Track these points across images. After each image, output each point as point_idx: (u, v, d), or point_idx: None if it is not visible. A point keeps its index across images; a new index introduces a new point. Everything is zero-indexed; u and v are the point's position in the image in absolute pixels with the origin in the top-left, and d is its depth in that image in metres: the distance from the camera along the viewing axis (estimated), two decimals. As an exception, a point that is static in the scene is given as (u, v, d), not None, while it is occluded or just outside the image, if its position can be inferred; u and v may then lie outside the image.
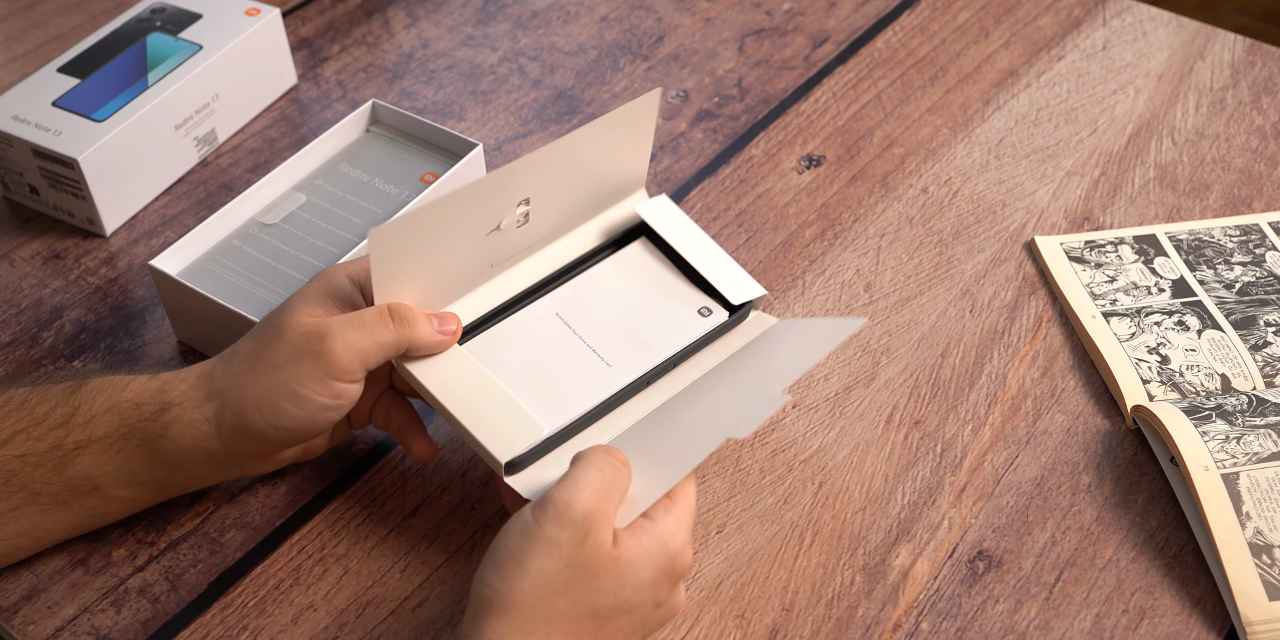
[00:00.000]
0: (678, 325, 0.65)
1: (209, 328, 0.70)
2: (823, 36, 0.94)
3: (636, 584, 0.54)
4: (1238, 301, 0.74)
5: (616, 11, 0.96)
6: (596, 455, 0.56)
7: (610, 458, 0.56)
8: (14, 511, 0.59)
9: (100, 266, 0.78)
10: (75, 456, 0.59)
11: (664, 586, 0.55)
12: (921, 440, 0.69)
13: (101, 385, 0.60)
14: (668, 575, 0.55)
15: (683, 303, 0.66)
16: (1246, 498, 0.62)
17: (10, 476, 0.58)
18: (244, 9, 0.85)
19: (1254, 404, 0.66)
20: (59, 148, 0.76)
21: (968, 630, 0.61)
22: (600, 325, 0.65)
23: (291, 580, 0.63)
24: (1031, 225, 0.80)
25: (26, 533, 0.60)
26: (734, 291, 0.66)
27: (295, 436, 0.59)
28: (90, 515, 0.61)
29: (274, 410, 0.58)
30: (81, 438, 0.59)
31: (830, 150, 0.85)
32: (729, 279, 0.66)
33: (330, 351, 0.57)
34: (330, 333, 0.58)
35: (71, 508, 0.60)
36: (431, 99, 0.89)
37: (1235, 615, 0.60)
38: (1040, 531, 0.65)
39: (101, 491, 0.60)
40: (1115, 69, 0.90)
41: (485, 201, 0.61)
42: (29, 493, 0.59)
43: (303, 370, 0.58)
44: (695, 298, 0.66)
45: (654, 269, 0.67)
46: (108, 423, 0.59)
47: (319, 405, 0.58)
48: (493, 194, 0.61)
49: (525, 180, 0.62)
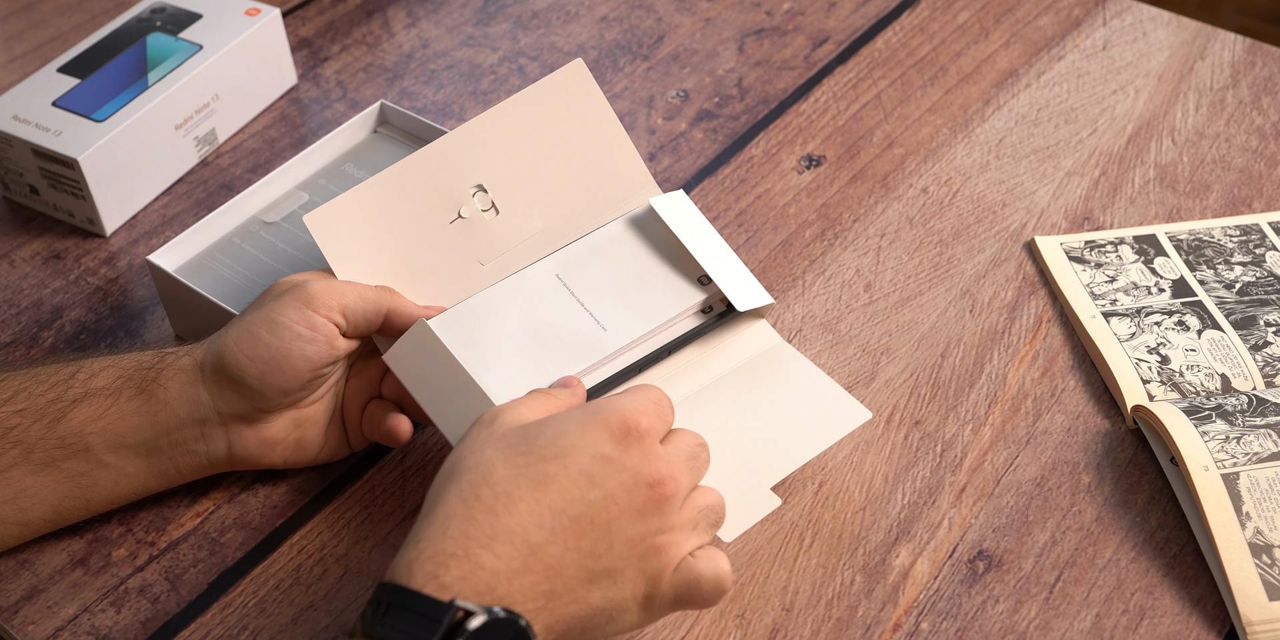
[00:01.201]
0: (675, 294, 0.65)
1: (206, 324, 0.70)
2: (823, 36, 0.94)
3: (554, 432, 0.53)
4: (1238, 301, 0.74)
5: (616, 11, 0.96)
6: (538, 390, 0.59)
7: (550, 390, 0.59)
8: (5, 472, 0.59)
9: (100, 266, 0.78)
10: (71, 410, 0.59)
11: (599, 435, 0.53)
12: (921, 440, 0.69)
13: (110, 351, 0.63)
14: (602, 425, 0.53)
15: (683, 271, 0.66)
16: (1246, 498, 0.62)
17: (7, 432, 0.59)
18: (244, 9, 0.85)
19: (1254, 404, 0.66)
20: (59, 148, 0.76)
21: (968, 630, 0.61)
22: (599, 288, 0.65)
23: (291, 580, 0.63)
24: (1031, 225, 0.80)
25: (13, 499, 0.60)
26: (742, 298, 0.65)
27: (269, 373, 0.59)
28: (77, 484, 0.60)
29: (250, 339, 0.59)
30: (80, 391, 0.60)
31: (830, 150, 0.85)
32: (738, 284, 0.66)
33: (310, 286, 0.60)
34: (315, 279, 0.61)
35: (60, 470, 0.60)
36: (431, 99, 0.89)
37: (1235, 615, 0.60)
38: (1040, 531, 0.65)
39: (90, 453, 0.60)
40: (1115, 69, 0.90)
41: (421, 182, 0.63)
42: (23, 449, 0.59)
43: (282, 302, 0.60)
44: (696, 267, 0.66)
45: (659, 235, 0.67)
46: (107, 376, 0.60)
47: (293, 333, 0.59)
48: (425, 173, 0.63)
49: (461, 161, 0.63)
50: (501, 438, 0.53)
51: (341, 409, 0.65)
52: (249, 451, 0.62)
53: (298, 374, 0.60)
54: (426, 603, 0.48)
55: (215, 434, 0.61)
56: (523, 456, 0.52)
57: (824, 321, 0.74)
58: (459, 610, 0.48)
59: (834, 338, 0.74)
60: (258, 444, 0.62)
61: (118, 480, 0.61)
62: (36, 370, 0.61)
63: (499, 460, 0.52)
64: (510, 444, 0.53)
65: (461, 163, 0.64)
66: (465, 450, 0.54)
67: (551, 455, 0.52)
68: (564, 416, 0.54)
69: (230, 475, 0.67)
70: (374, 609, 0.49)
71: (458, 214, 0.63)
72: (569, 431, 0.53)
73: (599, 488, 0.52)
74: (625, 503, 0.52)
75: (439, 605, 0.48)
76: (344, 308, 0.60)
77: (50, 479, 0.60)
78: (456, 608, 0.48)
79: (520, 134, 0.66)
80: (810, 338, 0.74)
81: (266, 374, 0.59)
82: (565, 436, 0.52)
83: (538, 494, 0.51)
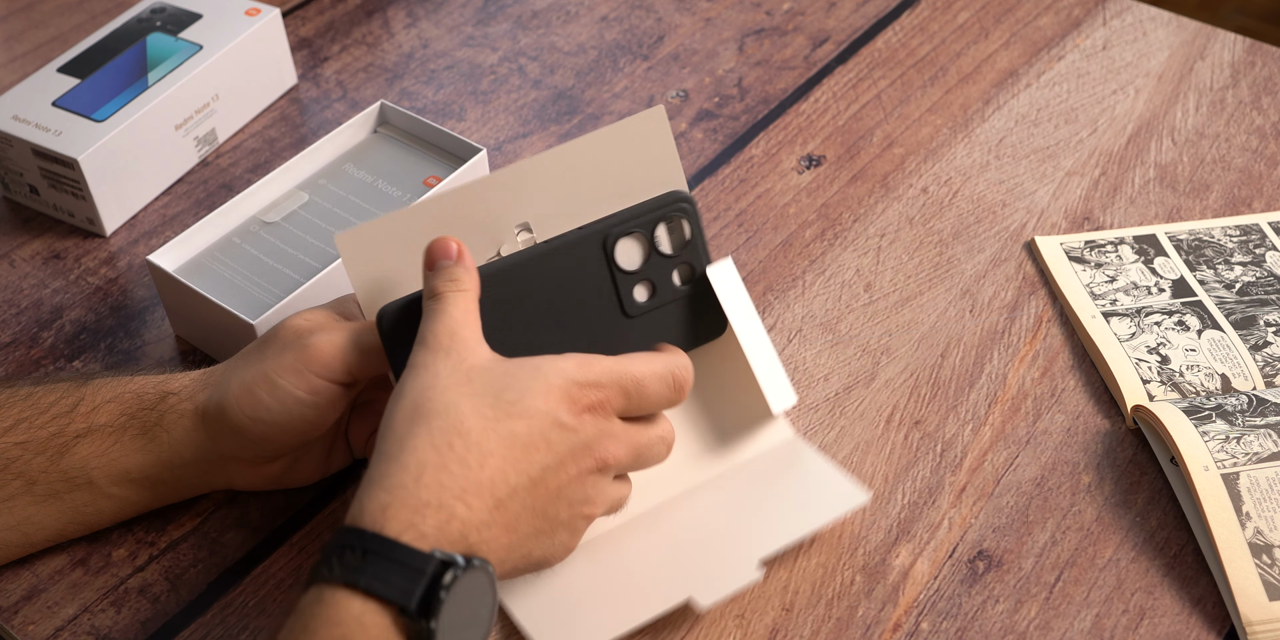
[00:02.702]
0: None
1: (205, 324, 0.70)
2: (823, 36, 0.94)
3: (519, 388, 0.53)
4: (1238, 301, 0.74)
5: (616, 11, 0.96)
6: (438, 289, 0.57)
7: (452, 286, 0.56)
8: (8, 502, 0.59)
9: (100, 266, 0.78)
10: (74, 445, 0.59)
11: (559, 403, 0.53)
12: (921, 440, 0.69)
13: (109, 379, 0.61)
14: (562, 394, 0.54)
15: None
16: (1246, 498, 0.62)
17: (8, 463, 0.59)
18: (244, 9, 0.85)
19: (1254, 404, 0.66)
20: (59, 148, 0.76)
21: (968, 630, 0.61)
22: None
23: (291, 580, 0.63)
24: (1031, 225, 0.80)
25: (17, 526, 0.60)
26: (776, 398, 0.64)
27: (271, 433, 0.59)
28: (80, 513, 0.61)
29: (251, 400, 0.58)
30: (83, 426, 0.59)
31: (830, 150, 0.85)
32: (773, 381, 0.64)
33: (312, 345, 0.58)
34: (318, 330, 0.59)
35: (64, 502, 0.60)
36: (431, 99, 0.89)
37: (1235, 615, 0.60)
38: (1040, 531, 0.65)
39: (94, 486, 0.60)
40: (1115, 69, 0.90)
41: (464, 213, 0.60)
42: (25, 481, 0.59)
43: (284, 362, 0.58)
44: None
45: None
46: (110, 412, 0.60)
47: (294, 399, 0.58)
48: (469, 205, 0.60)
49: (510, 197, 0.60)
50: (467, 381, 0.53)
51: (346, 432, 0.65)
52: (249, 484, 0.63)
53: (299, 434, 0.60)
54: (407, 552, 0.49)
55: (216, 471, 0.62)
56: (491, 409, 0.52)
57: (824, 321, 0.74)
58: (438, 560, 0.49)
59: (834, 338, 0.74)
60: (257, 478, 0.63)
61: (121, 508, 0.62)
62: (37, 397, 0.60)
63: (467, 408, 0.52)
64: (477, 392, 0.53)
65: (510, 199, 0.60)
66: (427, 386, 0.53)
67: (518, 413, 0.53)
68: (530, 373, 0.54)
69: (230, 475, 0.67)
70: (349, 554, 0.49)
71: (497, 253, 0.61)
72: (534, 392, 0.53)
73: (555, 452, 0.53)
74: (573, 471, 0.54)
75: (420, 555, 0.49)
76: (346, 361, 0.58)
77: (53, 509, 0.60)
78: (437, 558, 0.49)
79: (579, 176, 0.62)
80: (810, 338, 0.74)
81: (269, 435, 0.59)
82: (531, 396, 0.53)
83: (505, 451, 0.52)
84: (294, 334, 0.60)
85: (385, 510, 0.50)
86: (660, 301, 0.62)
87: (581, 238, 0.60)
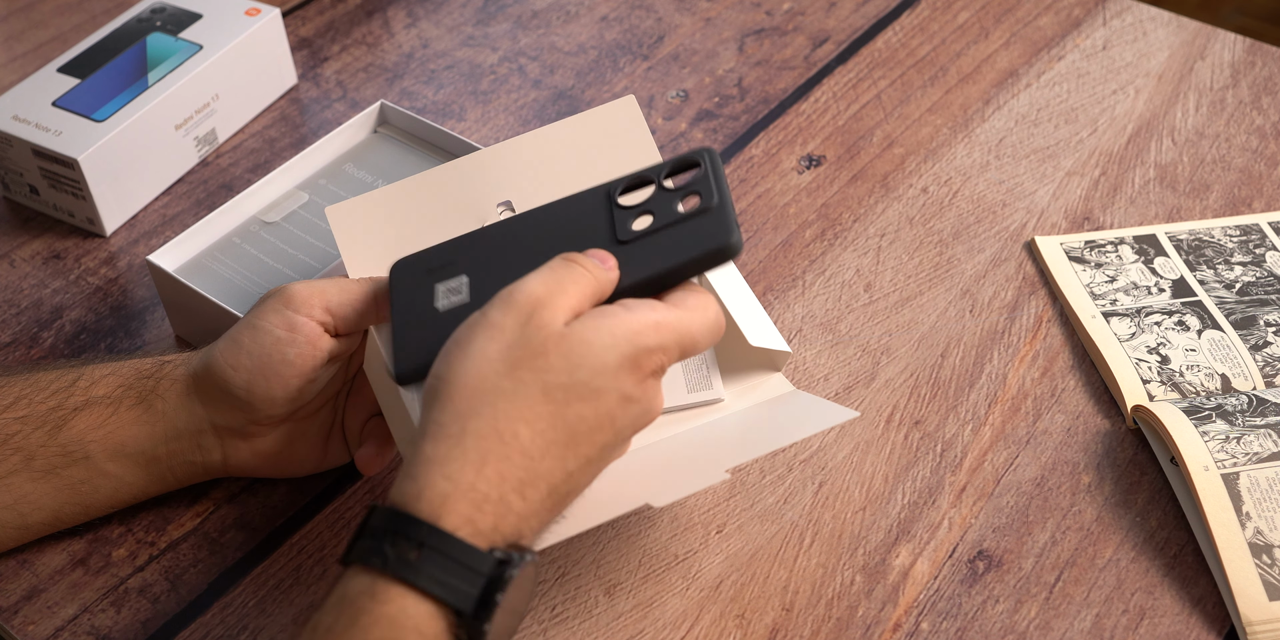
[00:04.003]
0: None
1: (205, 324, 0.70)
2: (823, 36, 0.94)
3: (594, 366, 0.50)
4: (1238, 301, 0.74)
5: (616, 11, 0.96)
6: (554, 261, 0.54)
7: (563, 258, 0.53)
8: (6, 479, 0.59)
9: (100, 266, 0.78)
10: (72, 418, 0.59)
11: (628, 377, 0.51)
12: (921, 440, 0.69)
13: (110, 358, 0.62)
14: (633, 366, 0.51)
15: None
16: (1246, 498, 0.62)
17: (8, 439, 0.59)
18: (244, 9, 0.85)
19: (1254, 404, 0.66)
20: (59, 148, 0.76)
21: (968, 630, 0.61)
22: None
23: (291, 580, 0.63)
24: (1031, 225, 0.80)
25: (13, 505, 0.60)
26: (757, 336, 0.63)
27: (254, 382, 0.58)
28: (77, 492, 0.60)
29: (233, 348, 0.58)
30: (81, 400, 0.60)
31: (830, 150, 0.85)
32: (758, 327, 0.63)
33: (289, 288, 0.59)
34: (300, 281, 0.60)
35: (60, 478, 0.60)
36: (431, 99, 0.89)
37: (1235, 615, 0.60)
38: (1040, 531, 0.65)
39: (91, 462, 0.60)
40: (1115, 69, 0.90)
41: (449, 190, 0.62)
42: (23, 456, 0.59)
43: (263, 307, 0.59)
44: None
45: None
46: (108, 384, 0.60)
47: (272, 338, 0.58)
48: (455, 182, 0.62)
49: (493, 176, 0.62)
50: (542, 353, 0.50)
51: (342, 423, 0.64)
52: (244, 463, 0.62)
53: (283, 381, 0.58)
54: (466, 550, 0.47)
55: (210, 445, 0.61)
56: (563, 391, 0.50)
57: (824, 321, 0.74)
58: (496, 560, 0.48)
59: (834, 338, 0.74)
60: (252, 456, 0.62)
61: (117, 488, 0.61)
62: (37, 376, 0.61)
63: (537, 391, 0.50)
64: (551, 367, 0.50)
65: (493, 177, 0.63)
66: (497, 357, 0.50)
67: (589, 394, 0.50)
68: (606, 340, 0.50)
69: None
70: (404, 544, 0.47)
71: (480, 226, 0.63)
72: (607, 367, 0.50)
73: (616, 429, 0.52)
74: (627, 434, 0.53)
75: (479, 555, 0.47)
76: (328, 304, 0.59)
77: (50, 486, 0.60)
78: (495, 558, 0.48)
79: (558, 158, 0.65)
80: (810, 338, 0.74)
81: (252, 382, 0.58)
82: (601, 375, 0.50)
83: (569, 439, 0.50)
84: (273, 291, 0.60)
85: (445, 501, 0.48)
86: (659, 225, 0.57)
87: (590, 191, 0.59)
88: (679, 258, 0.55)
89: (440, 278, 0.59)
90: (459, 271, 0.58)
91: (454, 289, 0.58)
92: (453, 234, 0.63)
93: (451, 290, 0.58)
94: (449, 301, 0.58)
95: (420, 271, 0.59)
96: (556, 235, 0.58)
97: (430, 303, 0.58)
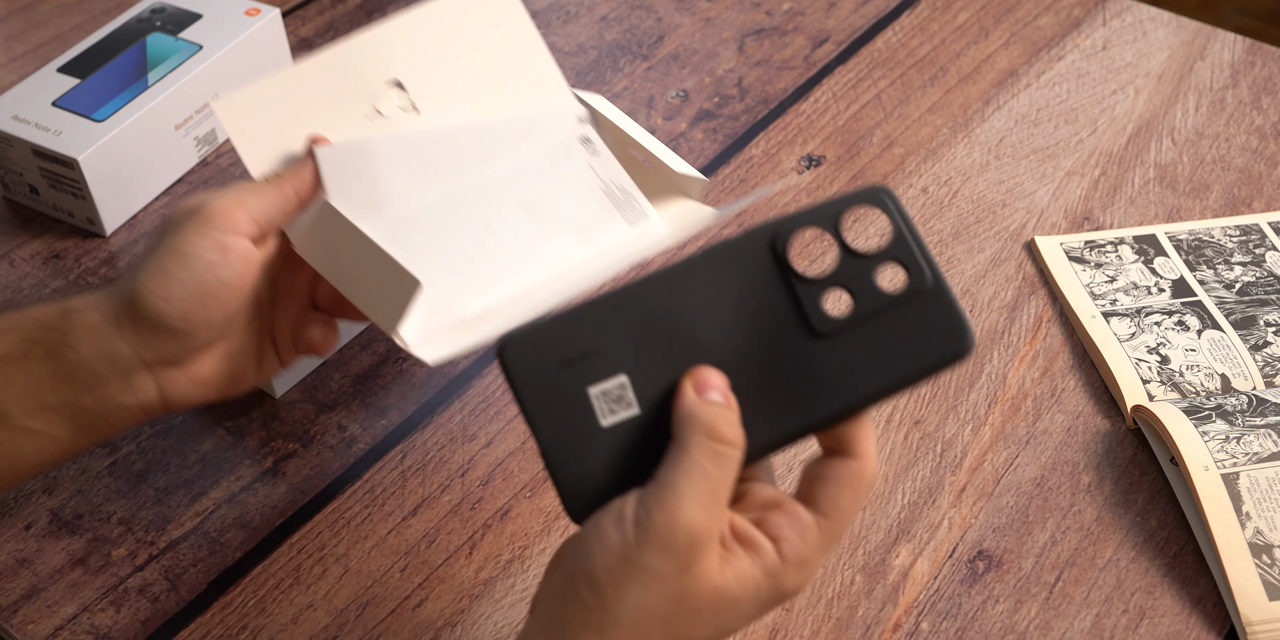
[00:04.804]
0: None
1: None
2: (823, 36, 0.94)
3: (737, 616, 0.47)
4: (1238, 301, 0.74)
5: (616, 11, 0.96)
6: (695, 443, 0.45)
7: (713, 446, 0.45)
8: None
9: (100, 266, 0.78)
10: None
11: (764, 613, 0.48)
12: (921, 440, 0.69)
13: (8, 312, 0.58)
14: (773, 606, 0.48)
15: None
16: (1246, 498, 0.62)
17: None
18: (244, 9, 0.85)
19: (1254, 404, 0.66)
20: (59, 148, 0.76)
21: (968, 630, 0.61)
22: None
23: (291, 580, 0.63)
24: (1031, 225, 0.80)
25: None
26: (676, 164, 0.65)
27: (191, 310, 0.55)
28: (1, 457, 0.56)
29: (162, 279, 0.55)
30: None
31: (830, 150, 0.85)
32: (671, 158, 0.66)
33: (208, 206, 0.56)
34: (208, 198, 0.57)
35: None
36: (431, 99, 0.89)
37: (1235, 615, 0.60)
38: (1040, 531, 0.65)
39: (10, 421, 0.56)
40: (1115, 69, 0.90)
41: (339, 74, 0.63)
42: None
43: (185, 231, 0.56)
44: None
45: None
46: (9, 341, 0.56)
47: (204, 262, 0.55)
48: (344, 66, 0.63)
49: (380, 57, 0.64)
50: (692, 614, 0.46)
51: (271, 328, 0.62)
52: (183, 395, 0.58)
53: (222, 304, 0.56)
54: None
55: (144, 383, 0.57)
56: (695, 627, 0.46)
57: (824, 321, 0.74)
58: None
59: (834, 338, 0.74)
60: (190, 385, 0.58)
61: (44, 445, 0.57)
62: None
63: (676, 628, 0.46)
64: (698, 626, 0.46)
65: (381, 59, 0.64)
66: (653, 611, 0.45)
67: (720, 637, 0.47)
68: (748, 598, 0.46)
69: (230, 475, 0.67)
70: None
71: (375, 111, 0.63)
72: (749, 617, 0.47)
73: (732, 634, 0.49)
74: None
75: None
76: (251, 214, 0.56)
77: None
78: None
79: (440, 37, 0.65)
80: (810, 338, 0.74)
81: (189, 312, 0.55)
82: (744, 621, 0.47)
83: None
84: (185, 210, 0.57)
85: None
86: (863, 313, 0.47)
87: (747, 236, 0.48)
88: (904, 368, 0.46)
89: (588, 375, 0.47)
90: (610, 366, 0.47)
91: (615, 397, 0.47)
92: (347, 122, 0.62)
93: (613, 399, 0.47)
94: (615, 416, 0.47)
95: (551, 361, 0.47)
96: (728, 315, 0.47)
97: (590, 415, 0.47)
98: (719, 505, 0.45)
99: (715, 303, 0.47)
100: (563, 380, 0.47)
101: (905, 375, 0.46)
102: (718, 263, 0.47)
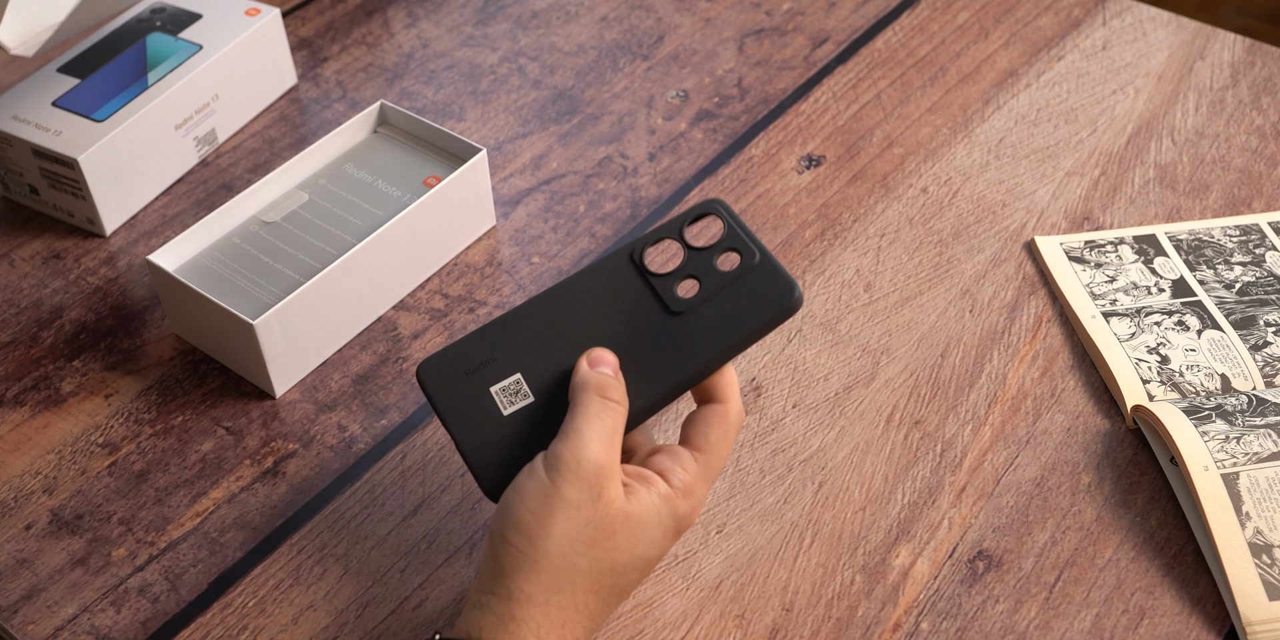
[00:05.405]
0: None
1: (205, 324, 0.70)
2: (823, 36, 0.94)
3: (648, 541, 0.55)
4: (1238, 301, 0.74)
5: (616, 11, 0.96)
6: (590, 400, 0.55)
7: (604, 401, 0.55)
8: None
9: (100, 266, 0.78)
10: None
11: (670, 541, 0.57)
12: (921, 440, 0.69)
13: None
14: (675, 533, 0.57)
15: None
16: (1246, 498, 0.62)
17: None
18: (244, 9, 0.85)
19: (1254, 404, 0.66)
20: (59, 148, 0.76)
21: (968, 630, 0.61)
22: None
23: (291, 580, 0.63)
24: (1031, 225, 0.80)
25: None
26: None
27: None
28: None
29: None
30: None
31: (830, 150, 0.85)
32: None
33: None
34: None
35: None
36: (431, 99, 0.89)
37: (1235, 615, 0.60)
38: (1040, 531, 0.65)
39: None
40: (1115, 69, 0.90)
41: None
42: None
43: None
44: None
45: None
46: None
47: None
48: None
49: None
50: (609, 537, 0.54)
51: None
52: None
53: None
54: None
55: None
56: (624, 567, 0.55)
57: (824, 321, 0.74)
58: None
59: (834, 338, 0.74)
60: None
61: None
62: None
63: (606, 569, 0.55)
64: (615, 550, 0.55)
65: None
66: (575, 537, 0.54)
67: (641, 564, 0.56)
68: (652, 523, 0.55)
69: (230, 475, 0.67)
70: None
71: None
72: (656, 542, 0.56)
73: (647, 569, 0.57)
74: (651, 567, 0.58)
75: None
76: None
77: None
78: None
79: None
80: (810, 337, 0.74)
81: None
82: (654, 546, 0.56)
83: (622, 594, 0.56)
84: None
85: None
86: (709, 291, 0.58)
87: (610, 256, 0.59)
88: (745, 325, 0.57)
89: (488, 379, 0.58)
90: (506, 368, 0.58)
91: (513, 391, 0.58)
92: None
93: (511, 392, 0.58)
94: (514, 406, 0.57)
95: (456, 373, 0.58)
96: (600, 313, 0.58)
97: (493, 409, 0.57)
98: (614, 445, 0.55)
99: (590, 307, 0.58)
100: (468, 385, 0.58)
101: (748, 331, 0.57)
102: (589, 278, 0.58)
